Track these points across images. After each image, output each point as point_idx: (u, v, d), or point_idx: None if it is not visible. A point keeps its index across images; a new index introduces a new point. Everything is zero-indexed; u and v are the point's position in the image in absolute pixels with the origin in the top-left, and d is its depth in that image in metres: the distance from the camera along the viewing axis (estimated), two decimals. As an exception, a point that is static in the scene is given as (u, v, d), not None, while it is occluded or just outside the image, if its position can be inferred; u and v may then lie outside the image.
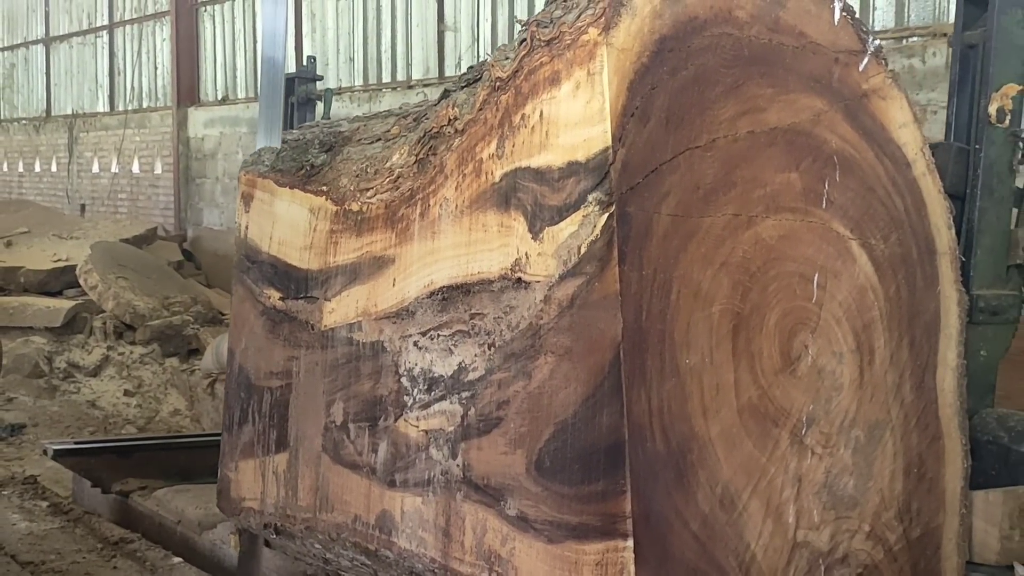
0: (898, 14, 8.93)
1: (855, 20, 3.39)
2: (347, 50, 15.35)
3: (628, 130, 2.97)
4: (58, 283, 13.11)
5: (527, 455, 3.11)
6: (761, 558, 3.12)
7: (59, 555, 5.73)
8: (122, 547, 5.85)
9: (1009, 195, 3.78)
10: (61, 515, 6.44)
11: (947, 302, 3.49)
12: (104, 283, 11.89)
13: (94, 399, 10.05)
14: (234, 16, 17.86)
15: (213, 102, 18.11)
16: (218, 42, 18.29)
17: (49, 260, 13.65)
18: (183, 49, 18.58)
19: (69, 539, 6.00)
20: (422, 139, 3.56)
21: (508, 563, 3.17)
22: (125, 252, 13.44)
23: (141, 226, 16.60)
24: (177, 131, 18.39)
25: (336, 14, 15.59)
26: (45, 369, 10.57)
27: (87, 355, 11.12)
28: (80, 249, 13.51)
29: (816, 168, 3.26)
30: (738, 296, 3.11)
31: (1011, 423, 3.61)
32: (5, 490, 6.98)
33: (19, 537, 6.00)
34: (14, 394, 9.78)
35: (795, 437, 3.18)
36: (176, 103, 18.59)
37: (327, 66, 15.66)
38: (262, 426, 4.26)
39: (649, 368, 2.96)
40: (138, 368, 10.92)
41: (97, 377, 10.74)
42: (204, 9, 18.54)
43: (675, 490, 2.99)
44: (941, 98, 8.21)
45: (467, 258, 3.34)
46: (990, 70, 3.70)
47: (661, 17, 3.04)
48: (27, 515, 6.42)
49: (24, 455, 7.72)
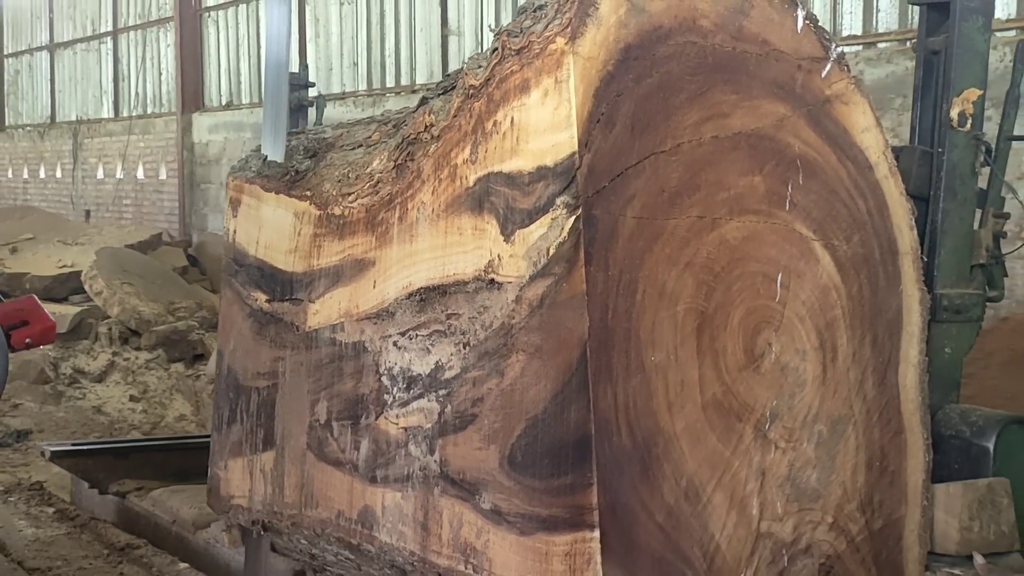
0: (901, 16, 9.03)
1: (818, 28, 3.50)
2: (351, 55, 15.46)
3: (594, 136, 3.08)
4: (63, 289, 13.20)
5: (500, 450, 3.22)
6: (725, 548, 3.23)
7: (65, 561, 5.75)
8: (128, 553, 5.87)
9: (972, 196, 3.88)
10: (67, 521, 6.47)
11: (909, 301, 3.59)
12: (109, 289, 11.94)
13: (100, 405, 10.04)
14: (238, 21, 17.96)
15: (217, 107, 18.21)
16: (222, 47, 18.38)
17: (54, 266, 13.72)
18: (187, 55, 18.67)
19: (75, 545, 6.03)
20: (400, 145, 3.67)
21: (483, 555, 3.27)
22: (130, 258, 13.50)
23: (146, 232, 16.69)
24: (181, 136, 18.47)
25: (340, 19, 15.70)
26: (51, 375, 10.56)
27: (92, 361, 11.11)
28: (85, 255, 13.58)
29: (779, 171, 3.37)
30: (702, 295, 3.22)
31: (973, 418, 3.72)
32: (11, 496, 7.00)
33: (25, 543, 6.02)
34: (20, 400, 9.79)
35: (759, 432, 3.29)
36: (180, 108, 18.67)
37: (331, 71, 15.77)
38: (250, 425, 4.37)
39: (615, 365, 3.07)
40: (143, 373, 10.94)
41: (103, 383, 10.73)
42: (208, 15, 18.63)
43: (641, 483, 3.09)
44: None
45: (443, 260, 3.45)
46: (952, 75, 3.80)
47: (626, 27, 3.15)
48: (33, 521, 6.45)
49: (30, 461, 7.72)
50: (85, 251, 14.17)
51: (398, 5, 14.54)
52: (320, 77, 16.00)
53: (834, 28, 9.45)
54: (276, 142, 4.40)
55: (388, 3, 14.78)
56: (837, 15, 9.47)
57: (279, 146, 4.39)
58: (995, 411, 3.86)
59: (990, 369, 7.22)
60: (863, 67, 9.02)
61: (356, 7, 15.32)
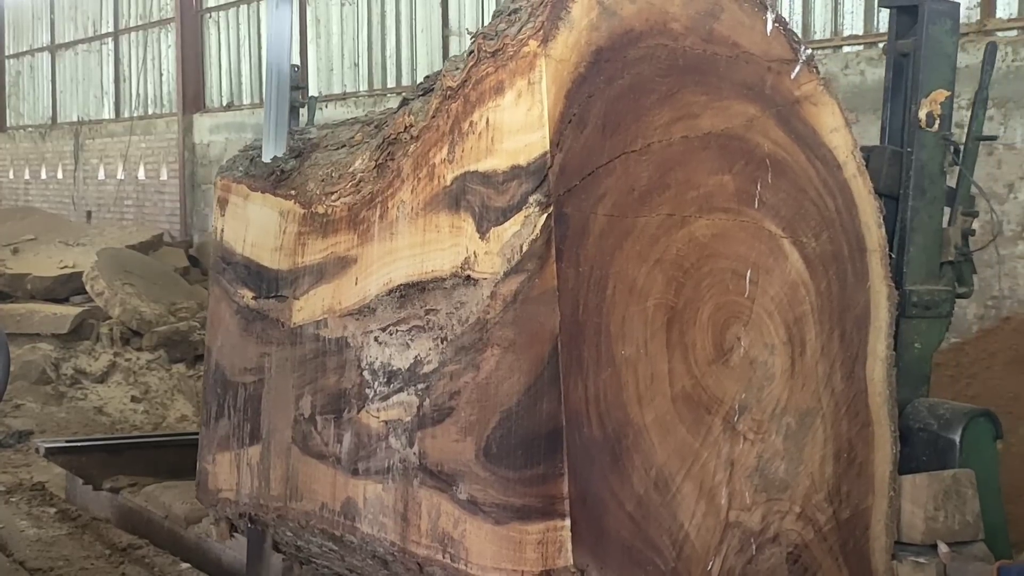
0: None
1: (787, 31, 3.58)
2: (351, 55, 15.53)
3: (566, 136, 3.17)
4: (65, 290, 13.12)
5: (476, 442, 3.30)
6: (694, 537, 3.32)
7: (67, 561, 5.78)
8: (130, 553, 5.91)
9: (941, 195, 3.97)
10: (69, 521, 6.51)
11: (877, 297, 3.68)
12: (111, 289, 11.93)
13: (101, 405, 10.06)
14: (239, 22, 18.03)
15: (218, 108, 18.28)
16: (223, 48, 18.45)
17: (56, 267, 13.65)
18: (188, 56, 18.73)
19: (77, 545, 6.06)
20: (381, 145, 3.76)
21: (460, 544, 3.36)
22: (131, 258, 13.49)
23: (147, 232, 16.68)
24: (182, 137, 18.53)
25: (341, 19, 15.76)
26: (52, 376, 10.57)
27: (94, 361, 11.11)
28: (86, 256, 13.49)
29: (749, 171, 3.46)
30: (672, 291, 3.31)
31: (940, 411, 3.81)
32: (13, 496, 7.02)
33: (27, 543, 6.06)
34: (21, 401, 9.78)
35: (728, 424, 3.38)
36: (181, 109, 18.73)
37: (331, 71, 15.84)
38: (237, 420, 4.46)
39: (585, 359, 3.16)
40: (145, 374, 10.94)
41: (104, 383, 10.73)
42: (209, 15, 18.70)
43: (611, 473, 3.18)
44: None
45: (422, 257, 3.54)
46: (920, 77, 3.89)
47: (598, 30, 3.24)
48: (35, 521, 6.49)
49: (32, 462, 7.71)
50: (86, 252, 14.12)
51: (399, 6, 14.61)
52: (321, 78, 16.09)
53: (836, 28, 9.51)
54: (277, 142, 4.44)
55: (389, 4, 14.86)
56: (838, 15, 9.51)
57: (280, 146, 4.43)
58: (962, 405, 3.95)
59: (993, 369, 7.30)
60: (864, 67, 9.00)
61: (357, 8, 15.40)
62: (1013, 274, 8.02)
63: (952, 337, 8.22)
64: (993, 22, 8.34)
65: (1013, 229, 8.10)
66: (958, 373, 7.48)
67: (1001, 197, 8.12)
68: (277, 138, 4.46)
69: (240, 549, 5.07)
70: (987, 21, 8.34)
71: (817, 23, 9.53)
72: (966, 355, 7.71)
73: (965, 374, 7.44)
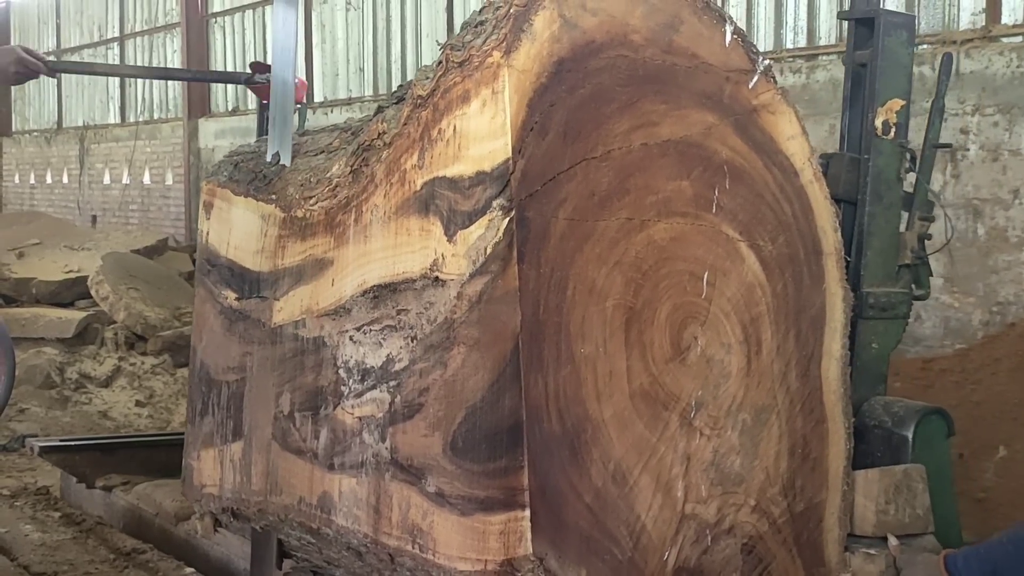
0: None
1: (746, 42, 3.72)
2: (357, 60, 15.65)
3: (527, 143, 3.31)
4: (70, 294, 13.14)
5: (443, 437, 3.44)
6: (651, 528, 3.46)
7: (72, 566, 5.80)
8: (134, 558, 5.93)
9: (897, 201, 4.10)
10: (73, 526, 6.53)
11: (833, 298, 3.82)
12: (115, 294, 11.94)
13: (106, 410, 10.07)
14: (244, 27, 18.16)
15: (223, 113, 18.40)
16: (228, 53, 18.58)
17: (61, 271, 13.67)
18: (193, 60, 18.83)
19: (81, 550, 6.08)
20: (356, 151, 3.90)
21: (428, 535, 3.50)
22: (136, 263, 13.48)
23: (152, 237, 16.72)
24: (188, 142, 18.64)
25: (346, 25, 15.89)
26: (57, 380, 10.56)
27: (99, 366, 11.13)
28: (91, 260, 13.52)
29: (706, 176, 3.60)
30: (631, 292, 3.45)
31: (895, 409, 3.94)
32: (18, 501, 7.02)
33: (32, 547, 6.07)
34: (26, 405, 9.76)
35: (684, 420, 3.52)
36: (187, 114, 18.84)
37: (336, 76, 15.97)
38: (220, 417, 4.60)
39: (546, 356, 3.30)
40: (149, 378, 10.97)
41: (109, 388, 10.74)
42: (214, 20, 18.83)
43: (570, 466, 3.32)
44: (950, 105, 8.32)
45: (394, 259, 3.68)
46: (876, 86, 4.03)
47: (559, 41, 3.39)
48: (40, 526, 6.50)
49: (36, 466, 7.68)
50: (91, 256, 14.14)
51: (404, 11, 14.74)
52: (326, 82, 16.23)
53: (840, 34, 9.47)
54: (283, 148, 4.47)
55: (394, 9, 14.99)
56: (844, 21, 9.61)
57: (286, 152, 4.47)
58: (915, 403, 4.08)
59: (998, 375, 7.35)
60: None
61: (362, 13, 15.52)
62: (1019, 280, 8.11)
63: (957, 343, 8.31)
64: (999, 28, 8.42)
65: (1019, 235, 8.19)
66: (963, 379, 7.55)
67: (1006, 203, 8.21)
68: (282, 143, 4.50)
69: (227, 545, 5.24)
70: (992, 27, 8.43)
71: (822, 28, 9.64)
72: (971, 361, 7.77)
73: (970, 380, 7.51)
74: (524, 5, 3.36)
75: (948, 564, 3.55)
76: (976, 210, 8.43)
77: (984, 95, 8.37)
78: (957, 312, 8.54)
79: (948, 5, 8.88)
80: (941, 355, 8.24)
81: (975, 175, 8.45)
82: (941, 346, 8.50)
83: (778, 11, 10.09)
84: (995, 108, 8.29)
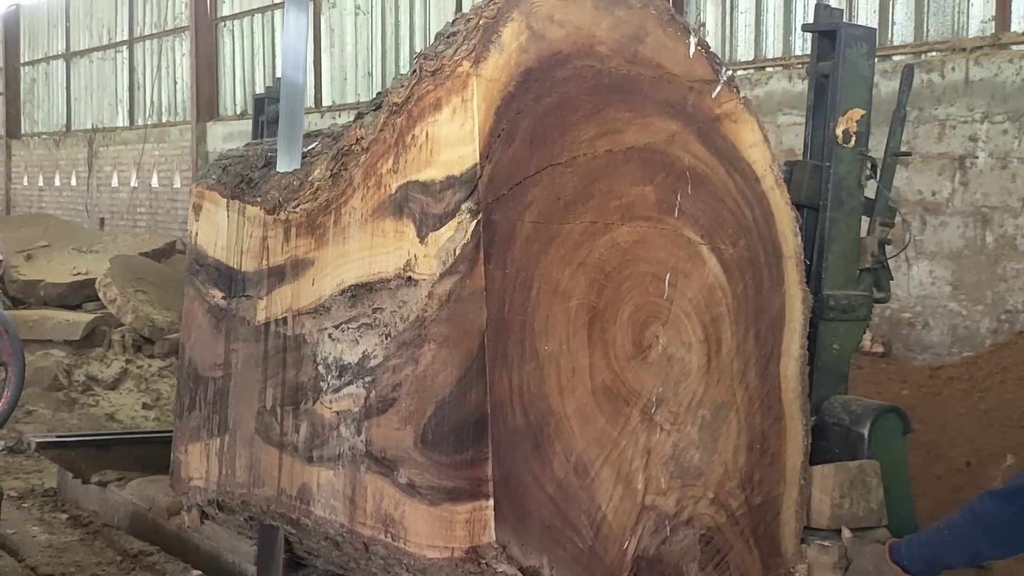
0: (917, 29, 9.25)
1: (709, 53, 3.87)
2: (365, 64, 15.79)
3: (495, 149, 3.47)
4: (77, 296, 13.28)
5: (415, 430, 3.59)
6: (611, 518, 3.60)
7: (79, 567, 5.89)
8: (141, 559, 6.02)
9: (858, 207, 4.24)
10: (80, 527, 6.62)
11: (792, 300, 3.96)
12: (123, 296, 12.08)
13: (112, 412, 10.16)
14: (253, 31, 18.31)
15: (232, 116, 18.55)
16: (237, 57, 18.73)
17: (68, 274, 13.73)
18: (202, 64, 19.03)
19: (88, 551, 6.17)
20: (336, 156, 4.06)
21: (400, 524, 3.65)
22: (144, 266, 13.58)
23: (160, 240, 16.86)
24: (196, 145, 18.80)
25: (355, 29, 16.03)
26: (64, 382, 10.68)
27: (106, 368, 11.29)
28: (99, 263, 13.64)
29: (669, 182, 3.75)
30: (594, 292, 3.60)
31: (853, 407, 4.08)
32: (25, 502, 7.09)
33: (39, 549, 6.15)
34: (33, 407, 9.87)
35: (645, 415, 3.67)
36: (195, 117, 19.01)
37: (345, 80, 16.11)
38: (207, 412, 4.76)
39: (510, 353, 3.45)
40: (156, 381, 11.12)
41: (116, 390, 10.90)
42: (223, 24, 18.98)
43: (533, 458, 3.47)
44: (960, 113, 8.55)
45: (370, 260, 3.83)
46: (838, 97, 4.17)
47: (527, 52, 3.54)
48: (47, 527, 6.59)
49: (43, 468, 7.75)
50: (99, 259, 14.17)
51: (413, 15, 14.87)
52: (335, 87, 16.38)
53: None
54: (292, 152, 4.44)
55: (403, 13, 15.13)
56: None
57: (295, 156, 4.45)
58: (873, 401, 4.22)
59: (1006, 384, 7.44)
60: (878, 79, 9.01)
61: (371, 17, 15.66)
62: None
63: (965, 351, 8.40)
64: (1008, 36, 8.54)
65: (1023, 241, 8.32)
66: (971, 387, 7.67)
67: (1015, 211, 8.30)
68: (291, 148, 4.48)
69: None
70: (1002, 35, 8.55)
71: None
72: (979, 369, 7.88)
73: (978, 388, 7.62)
74: (493, 17, 3.52)
75: (892, 552, 3.70)
76: (985, 218, 8.51)
77: (993, 103, 8.45)
78: (965, 320, 8.63)
79: (958, 12, 9.00)
80: (949, 363, 8.36)
81: (984, 183, 8.53)
82: (949, 354, 8.61)
83: (787, 16, 10.21)
84: (1004, 116, 8.40)
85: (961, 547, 3.55)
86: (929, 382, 8.04)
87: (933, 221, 8.84)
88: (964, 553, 3.57)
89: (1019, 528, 3.43)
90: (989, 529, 3.46)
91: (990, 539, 3.46)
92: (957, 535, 3.54)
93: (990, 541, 3.47)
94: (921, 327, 8.89)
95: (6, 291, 12.87)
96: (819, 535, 3.91)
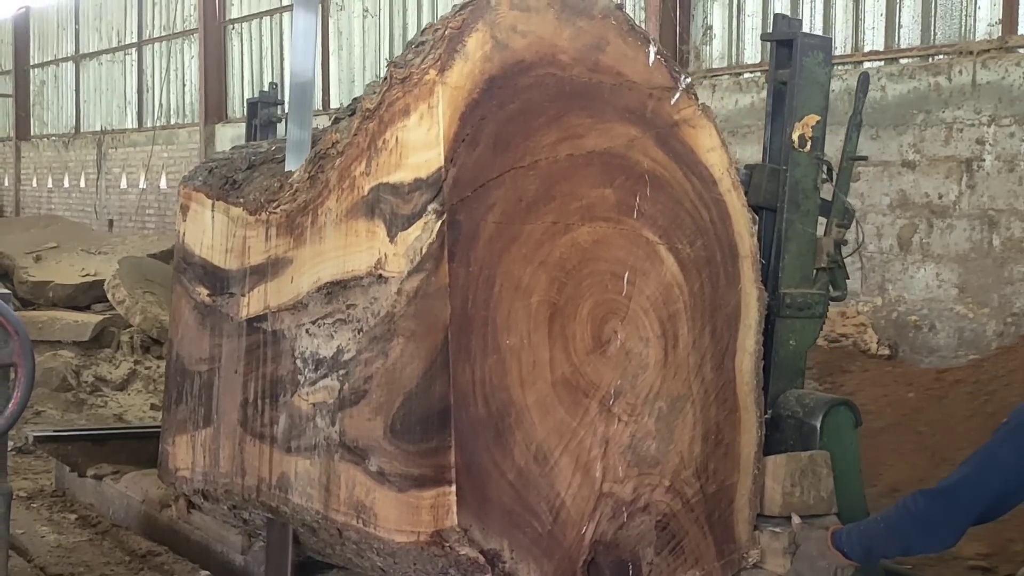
0: (924, 32, 9.33)
1: (669, 62, 4.05)
2: (373, 67, 15.89)
3: (459, 153, 3.65)
4: (86, 297, 13.32)
5: (384, 420, 3.78)
6: (570, 504, 3.78)
7: (87, 567, 5.89)
8: (149, 560, 6.04)
9: (814, 209, 4.41)
10: (89, 528, 6.64)
11: (747, 298, 4.14)
12: (132, 298, 12.07)
13: (121, 413, 10.15)
14: (261, 34, 18.43)
15: (240, 118, 18.53)
16: (245, 59, 18.86)
17: (77, 275, 13.79)
18: (211, 66, 19.13)
19: (97, 552, 6.17)
20: (313, 159, 4.25)
21: (371, 511, 3.84)
22: (152, 267, 13.57)
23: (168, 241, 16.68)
24: (204, 147, 18.84)
25: (363, 32, 16.14)
26: (73, 383, 10.71)
27: (114, 369, 11.31)
28: (108, 264, 13.65)
29: (628, 185, 3.93)
30: (555, 289, 3.78)
31: (806, 401, 4.26)
32: (34, 502, 7.11)
33: (48, 549, 6.16)
34: (42, 408, 9.86)
35: (604, 406, 3.85)
36: (204, 120, 19.09)
37: (353, 83, 16.19)
38: (193, 405, 4.95)
39: (473, 347, 3.63)
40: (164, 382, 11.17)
41: (124, 391, 10.92)
42: (232, 27, 19.09)
43: (494, 447, 3.66)
44: (967, 116, 8.64)
45: (344, 259, 4.02)
46: (795, 103, 4.35)
47: (491, 61, 3.73)
48: (56, 527, 6.61)
49: (52, 468, 7.65)
50: (108, 260, 14.09)
51: (420, 18, 14.95)
52: (343, 89, 16.49)
53: (856, 44, 9.73)
54: (300, 155, 4.54)
55: (411, 17, 15.23)
56: (859, 31, 9.76)
57: (304, 156, 4.50)
58: (825, 395, 4.39)
59: (1012, 386, 7.48)
60: (885, 82, 9.15)
61: (379, 20, 15.76)
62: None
63: (971, 354, 8.46)
64: (1015, 39, 8.62)
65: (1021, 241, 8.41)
66: (977, 390, 7.71)
67: (1022, 214, 8.39)
68: (299, 150, 4.57)
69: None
70: (1009, 38, 8.62)
71: (838, 39, 9.79)
72: (985, 372, 7.94)
73: (984, 391, 7.67)
74: (458, 28, 3.70)
75: (834, 539, 3.88)
76: (991, 220, 8.59)
77: (1000, 106, 8.53)
78: (971, 323, 8.71)
79: (965, 16, 9.05)
80: (955, 366, 8.42)
81: (991, 186, 8.61)
82: (955, 357, 8.67)
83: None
84: (1011, 119, 8.49)
85: (895, 539, 3.76)
86: (935, 385, 8.10)
87: (940, 224, 8.92)
88: (897, 545, 3.79)
89: (946, 524, 3.63)
90: (919, 524, 3.66)
91: (920, 533, 3.67)
92: (891, 528, 3.74)
93: (920, 535, 3.68)
94: (927, 330, 8.99)
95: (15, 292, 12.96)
96: (772, 522, 4.08)
